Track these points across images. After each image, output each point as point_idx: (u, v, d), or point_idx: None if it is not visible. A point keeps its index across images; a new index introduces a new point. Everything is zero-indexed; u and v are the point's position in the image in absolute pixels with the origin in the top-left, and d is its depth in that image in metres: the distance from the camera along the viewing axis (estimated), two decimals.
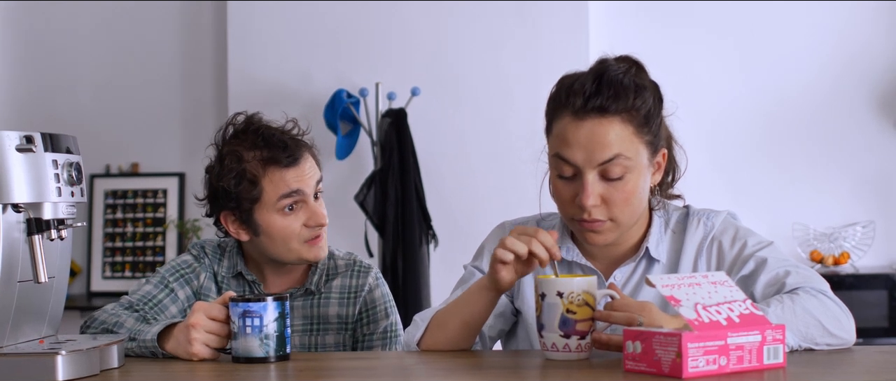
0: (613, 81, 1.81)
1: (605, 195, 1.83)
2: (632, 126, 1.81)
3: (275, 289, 2.28)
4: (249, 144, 2.19)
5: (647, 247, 1.93)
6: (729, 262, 1.90)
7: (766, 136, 4.67)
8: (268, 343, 1.83)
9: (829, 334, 1.75)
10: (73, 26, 5.00)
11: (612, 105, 1.79)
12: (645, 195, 1.89)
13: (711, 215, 1.96)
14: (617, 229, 1.87)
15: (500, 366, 1.81)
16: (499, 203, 4.43)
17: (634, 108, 1.81)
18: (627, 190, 1.83)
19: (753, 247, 1.89)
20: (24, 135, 1.74)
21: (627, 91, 1.81)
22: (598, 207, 1.83)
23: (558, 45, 4.46)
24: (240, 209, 2.19)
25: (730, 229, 1.94)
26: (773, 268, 1.85)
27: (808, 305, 1.75)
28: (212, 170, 2.23)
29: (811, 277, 1.84)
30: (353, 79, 4.54)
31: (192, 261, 2.29)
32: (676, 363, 1.53)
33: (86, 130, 4.63)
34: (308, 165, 2.22)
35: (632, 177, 1.83)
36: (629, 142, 1.81)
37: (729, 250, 1.91)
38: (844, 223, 4.57)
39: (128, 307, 2.16)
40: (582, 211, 1.84)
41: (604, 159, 1.80)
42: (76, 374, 1.71)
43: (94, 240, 4.94)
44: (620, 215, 1.85)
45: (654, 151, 1.88)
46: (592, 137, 1.80)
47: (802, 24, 4.68)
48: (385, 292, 2.32)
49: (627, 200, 1.84)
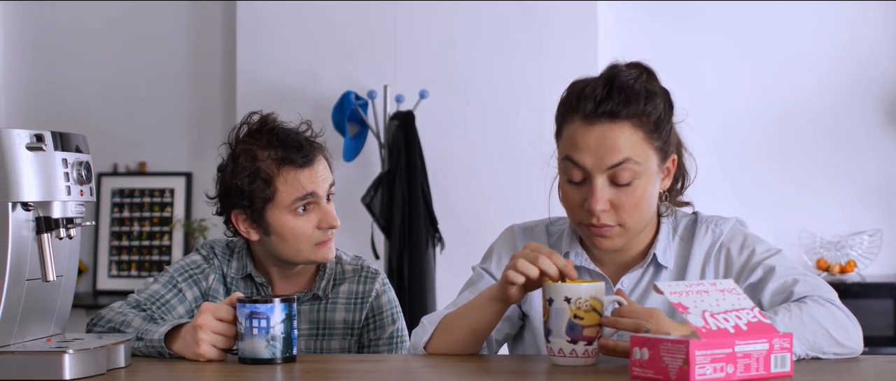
0: (624, 87, 1.81)
1: (614, 201, 1.83)
2: (642, 132, 1.82)
3: (282, 292, 2.28)
4: (264, 144, 2.18)
5: (654, 253, 1.93)
6: (737, 269, 1.90)
7: (774, 143, 4.66)
8: (274, 345, 1.83)
9: (836, 343, 1.75)
10: (82, 26, 5.01)
11: (622, 110, 1.80)
12: (654, 201, 1.89)
13: (720, 222, 1.96)
14: (625, 234, 1.87)
15: (506, 371, 1.81)
16: (505, 206, 4.43)
17: (645, 113, 1.82)
18: (636, 195, 1.83)
19: (762, 255, 1.89)
20: (34, 133, 1.74)
21: (638, 97, 1.81)
22: (606, 212, 1.83)
23: (567, 48, 4.46)
24: (252, 208, 2.19)
25: (738, 236, 1.94)
26: (781, 276, 1.85)
27: (816, 314, 1.75)
28: (225, 168, 2.23)
29: (819, 285, 1.84)
30: (361, 81, 4.54)
31: (201, 261, 2.29)
32: (684, 370, 1.53)
33: (94, 129, 4.62)
34: (321, 168, 2.22)
35: (641, 182, 1.83)
36: (639, 147, 1.82)
37: (737, 258, 1.91)
38: (851, 232, 4.57)
39: (135, 306, 2.16)
40: (591, 216, 1.84)
41: (613, 163, 1.81)
42: (83, 373, 1.71)
43: (101, 239, 4.95)
44: (629, 220, 1.85)
45: (664, 157, 1.88)
46: (602, 141, 1.80)
47: (810, 31, 4.68)
48: (391, 297, 2.32)
49: (636, 205, 1.84)
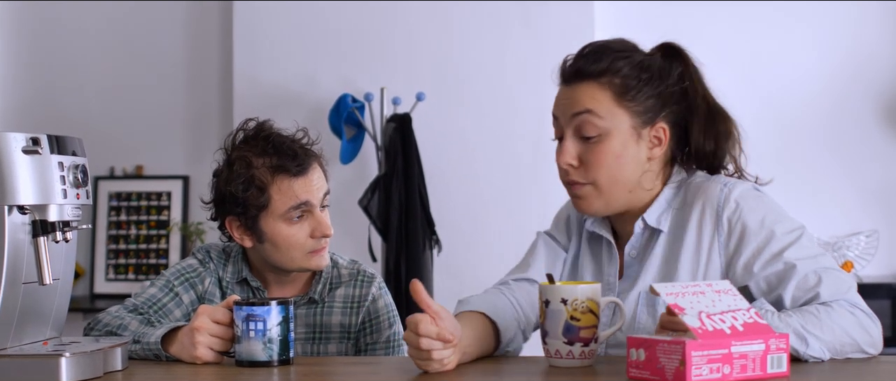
0: (596, 49, 1.93)
1: (582, 156, 1.91)
2: (610, 91, 1.89)
3: (278, 297, 2.27)
4: (259, 151, 2.19)
5: (643, 218, 1.94)
6: (752, 249, 1.84)
7: (771, 144, 4.66)
8: (271, 347, 1.83)
9: (862, 351, 1.77)
10: (79, 29, 5.01)
11: (585, 68, 1.91)
12: (628, 164, 1.90)
13: (730, 184, 1.91)
14: (599, 195, 1.91)
15: (503, 373, 1.81)
16: (502, 209, 4.44)
17: (610, 72, 1.89)
18: (602, 151, 1.89)
19: (783, 241, 1.84)
20: (30, 137, 1.74)
21: (603, 58, 1.91)
22: (575, 168, 1.91)
23: (563, 50, 4.39)
24: (246, 216, 2.19)
25: (755, 206, 1.88)
26: (803, 271, 1.81)
27: (845, 323, 1.75)
28: (220, 174, 2.23)
29: (840, 282, 1.81)
30: (358, 83, 4.54)
31: (197, 265, 2.29)
32: (680, 371, 1.53)
33: (90, 132, 4.61)
34: (316, 176, 2.22)
35: (609, 140, 1.89)
36: (603, 104, 1.89)
37: (753, 235, 1.85)
38: (848, 233, 4.57)
39: (132, 310, 2.16)
40: (564, 173, 1.92)
41: (574, 112, 1.90)
42: (80, 376, 1.71)
43: (98, 242, 4.95)
44: (598, 177, 1.90)
45: (643, 123, 1.90)
46: (570, 95, 1.93)
47: (809, 32, 4.68)
48: (388, 301, 2.32)
49: (600, 161, 1.89)
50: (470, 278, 4.10)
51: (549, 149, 1.96)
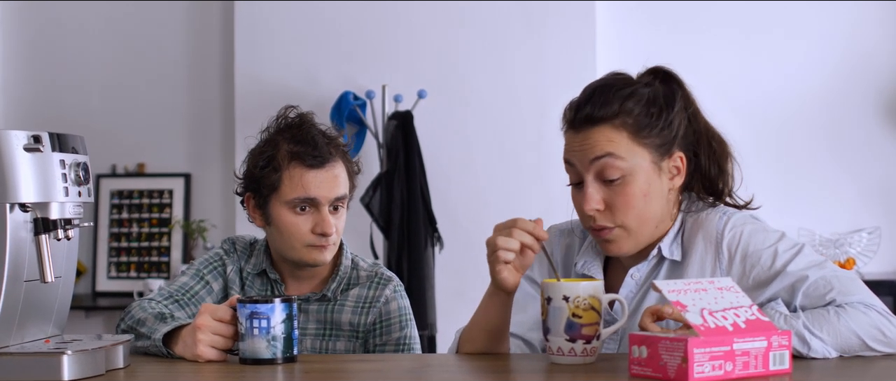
0: (602, 90, 1.88)
1: (607, 200, 1.86)
2: (625, 131, 1.85)
3: (294, 292, 2.32)
4: (288, 136, 2.25)
5: (660, 247, 1.93)
6: (758, 270, 1.85)
7: (773, 141, 4.67)
8: (275, 345, 1.83)
9: (872, 350, 1.76)
10: (81, 27, 5.01)
11: (597, 113, 1.86)
12: (655, 200, 1.89)
13: (728, 213, 1.93)
14: (629, 236, 1.88)
15: (505, 370, 1.81)
16: (504, 205, 4.43)
17: (623, 112, 1.85)
18: (628, 193, 1.85)
19: (785, 257, 1.84)
20: (31, 134, 1.74)
21: (613, 99, 1.86)
22: (602, 212, 1.87)
23: (565, 48, 4.46)
24: (259, 194, 2.26)
25: (754, 232, 1.89)
26: (813, 278, 1.81)
27: (855, 324, 1.74)
28: (254, 150, 2.30)
29: (851, 286, 1.80)
30: (359, 81, 4.55)
31: (223, 254, 2.36)
32: (682, 368, 1.53)
33: (92, 130, 4.63)
34: (332, 175, 2.25)
35: (632, 180, 1.85)
36: (623, 144, 1.85)
37: (756, 258, 1.86)
38: (850, 229, 4.57)
39: (167, 297, 2.22)
40: (589, 219, 1.87)
41: (594, 157, 1.85)
42: (81, 374, 1.71)
43: (100, 240, 4.95)
44: (626, 219, 1.86)
45: (662, 155, 1.88)
46: (585, 140, 1.87)
47: (810, 29, 4.68)
48: (402, 304, 2.32)
49: (629, 203, 1.85)
50: (471, 274, 4.09)
51: (550, 146, 1.96)
